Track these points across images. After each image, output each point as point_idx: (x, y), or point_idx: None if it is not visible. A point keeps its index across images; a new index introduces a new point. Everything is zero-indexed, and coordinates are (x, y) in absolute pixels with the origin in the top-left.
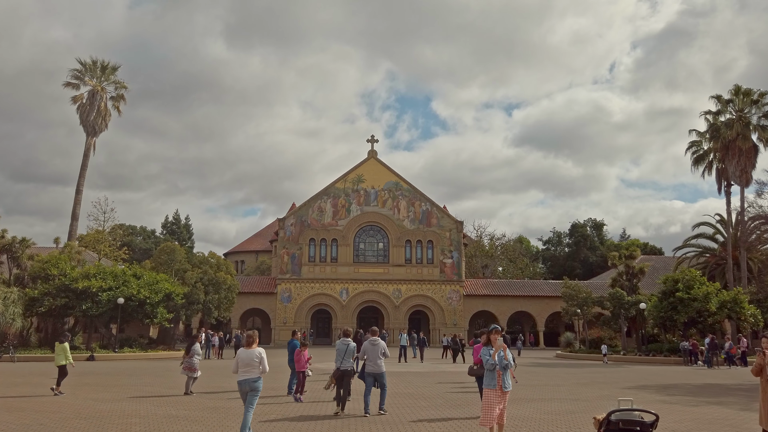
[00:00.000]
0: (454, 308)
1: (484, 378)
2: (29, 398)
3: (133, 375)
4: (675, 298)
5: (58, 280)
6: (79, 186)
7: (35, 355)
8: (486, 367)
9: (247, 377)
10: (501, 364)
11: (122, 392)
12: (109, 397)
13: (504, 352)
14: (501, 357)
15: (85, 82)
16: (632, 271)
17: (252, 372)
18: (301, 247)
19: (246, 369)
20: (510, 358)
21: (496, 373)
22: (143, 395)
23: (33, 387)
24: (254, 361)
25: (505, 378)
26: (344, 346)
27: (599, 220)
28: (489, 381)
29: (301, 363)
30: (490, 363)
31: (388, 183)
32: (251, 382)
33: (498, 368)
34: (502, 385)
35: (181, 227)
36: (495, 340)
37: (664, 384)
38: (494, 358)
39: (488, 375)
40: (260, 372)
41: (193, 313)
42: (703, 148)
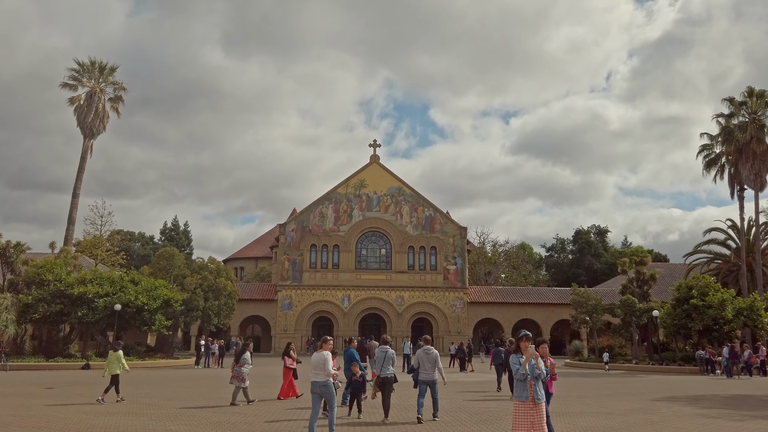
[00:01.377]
0: (458, 316)
1: (515, 389)
2: (17, 411)
3: (130, 385)
4: (689, 305)
5: (53, 285)
6: (75, 189)
7: (29, 363)
8: (516, 377)
9: (316, 380)
10: (533, 373)
11: (118, 405)
12: (103, 410)
13: (536, 360)
14: (533, 366)
15: (82, 83)
16: (643, 278)
17: (320, 375)
18: (302, 253)
19: (316, 371)
20: (542, 367)
21: (527, 384)
22: (140, 407)
23: (23, 398)
24: (321, 363)
25: (537, 389)
26: (383, 353)
27: (603, 227)
28: (520, 392)
29: None
30: (520, 373)
31: (390, 188)
32: (320, 386)
33: (530, 378)
34: (535, 397)
35: (180, 234)
36: (526, 347)
37: (692, 395)
38: (525, 368)
39: (519, 386)
40: (326, 375)
41: (192, 320)
42: (715, 151)
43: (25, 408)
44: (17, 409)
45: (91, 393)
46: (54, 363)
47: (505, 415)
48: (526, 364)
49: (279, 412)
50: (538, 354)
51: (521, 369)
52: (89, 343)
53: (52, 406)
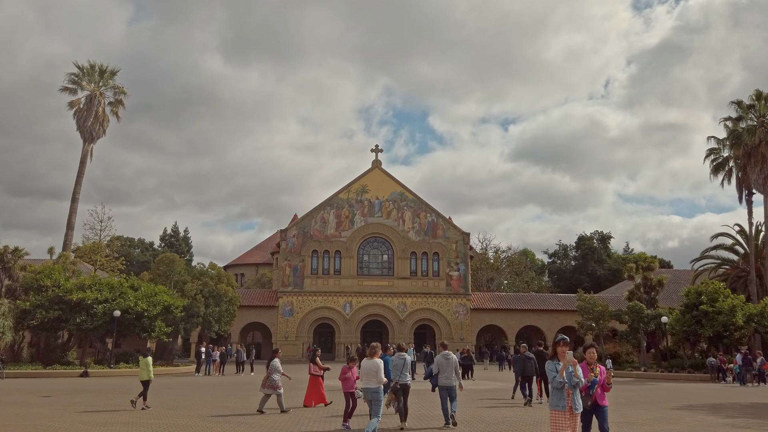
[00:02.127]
0: (461, 322)
1: (551, 397)
2: (10, 421)
3: (129, 393)
4: (699, 311)
5: (51, 291)
6: (75, 194)
7: (26, 371)
8: (552, 385)
9: (368, 386)
10: (571, 381)
11: (115, 414)
12: (100, 420)
13: (574, 368)
14: (570, 373)
15: (82, 86)
16: (650, 284)
17: (372, 381)
18: (304, 259)
19: (367, 378)
20: (580, 375)
21: (564, 392)
22: (139, 418)
23: (17, 407)
24: (373, 370)
25: (576, 398)
26: (401, 360)
27: (606, 233)
28: (556, 401)
29: (350, 382)
30: (557, 380)
31: (392, 193)
32: (372, 392)
33: (567, 386)
34: (573, 406)
35: (180, 240)
36: (563, 353)
37: (711, 404)
38: (562, 375)
39: (555, 394)
40: (377, 382)
41: (192, 327)
42: (723, 155)
43: (19, 418)
44: (11, 419)
45: (89, 401)
46: (52, 370)
47: (523, 425)
48: (563, 371)
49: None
50: (575, 361)
51: (558, 377)
52: (88, 350)
53: (48, 416)
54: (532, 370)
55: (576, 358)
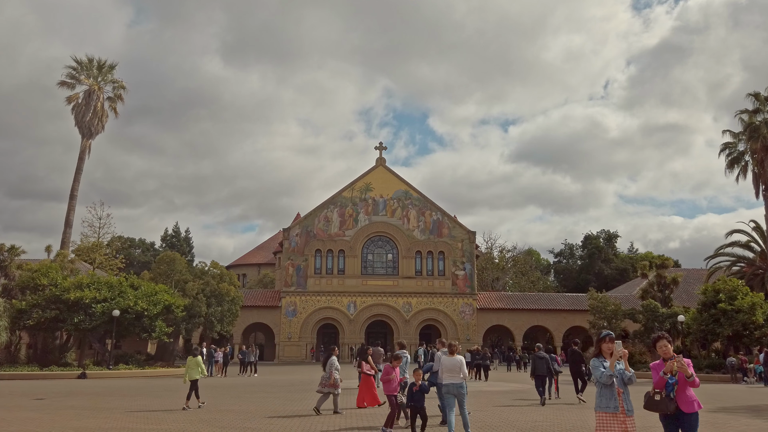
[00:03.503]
0: (467, 323)
1: (598, 398)
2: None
3: (127, 395)
4: (717, 309)
5: (48, 290)
6: (73, 191)
7: (21, 372)
8: (601, 381)
9: (453, 381)
10: (624, 377)
11: (111, 419)
12: (94, 425)
13: (624, 362)
14: (621, 370)
15: (80, 81)
16: (664, 282)
17: (456, 377)
18: (307, 259)
19: (452, 374)
20: (632, 371)
21: (614, 391)
22: (136, 422)
23: (6, 411)
24: (457, 366)
25: (627, 398)
26: (403, 357)
27: (613, 232)
28: (605, 402)
29: (393, 384)
30: (606, 375)
31: (397, 192)
32: (458, 387)
33: (617, 385)
34: (625, 408)
35: (181, 240)
36: (609, 349)
37: (747, 406)
38: (612, 371)
39: (603, 394)
40: (462, 378)
41: (194, 327)
42: (739, 149)
43: (4, 423)
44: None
45: (84, 405)
46: (48, 372)
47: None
48: (613, 365)
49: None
50: (626, 352)
51: (607, 372)
52: (87, 351)
53: (36, 420)
54: (544, 369)
55: None
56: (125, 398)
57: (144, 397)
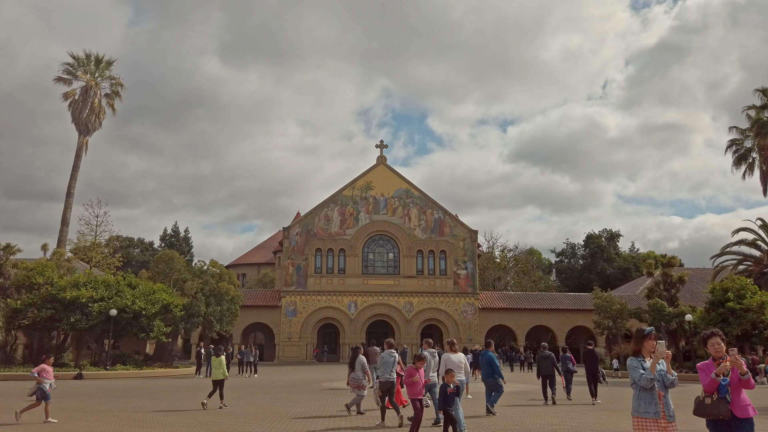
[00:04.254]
0: (469, 322)
1: (635, 402)
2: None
3: (124, 397)
4: (725, 308)
5: (44, 289)
6: (70, 188)
7: (16, 373)
8: (640, 384)
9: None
10: (666, 380)
11: (104, 422)
12: (85, 429)
13: (667, 363)
14: (663, 372)
15: (77, 77)
16: (670, 281)
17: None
18: (307, 258)
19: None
20: (674, 374)
21: (655, 395)
22: (130, 425)
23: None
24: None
25: (668, 402)
26: (391, 357)
27: (615, 231)
28: (644, 407)
29: (417, 387)
30: (646, 378)
31: (398, 190)
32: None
33: (657, 388)
34: (667, 413)
35: (180, 240)
36: (653, 347)
37: (761, 407)
38: (653, 371)
39: (643, 397)
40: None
41: (193, 327)
42: (746, 146)
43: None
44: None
45: (78, 406)
46: None
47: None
48: (654, 367)
49: None
50: (669, 353)
51: (647, 374)
52: (85, 351)
53: (27, 424)
54: (548, 369)
55: None
56: (121, 399)
57: (140, 399)
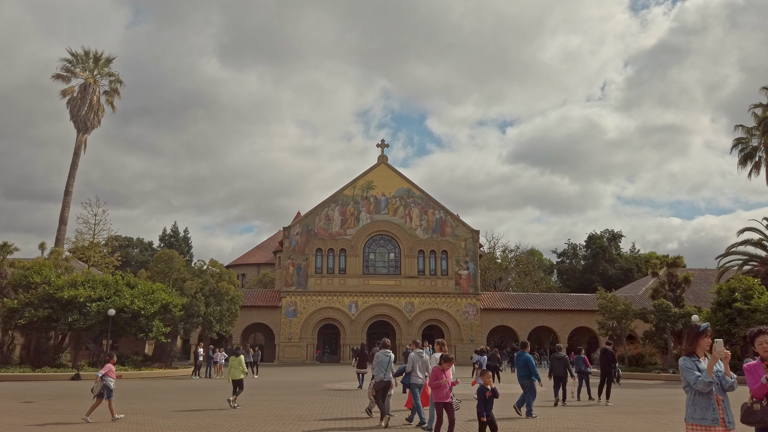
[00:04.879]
0: (470, 323)
1: (690, 407)
2: None
3: (121, 398)
4: (732, 309)
5: (41, 289)
6: (68, 187)
7: (13, 374)
8: (696, 388)
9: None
10: (724, 383)
11: (98, 426)
12: (83, 429)
13: (725, 364)
14: (721, 374)
15: (76, 74)
16: (675, 281)
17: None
18: (307, 258)
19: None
20: (734, 376)
21: (712, 399)
22: (126, 429)
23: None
24: None
25: (727, 407)
26: (386, 357)
27: (617, 231)
28: (701, 413)
29: (444, 390)
30: (703, 382)
31: (399, 190)
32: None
33: (716, 392)
34: (726, 420)
35: (180, 240)
36: (708, 345)
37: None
38: (710, 373)
39: (698, 403)
40: None
41: (192, 327)
42: (752, 144)
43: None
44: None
45: (73, 408)
46: (41, 373)
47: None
48: (712, 368)
49: None
50: (728, 353)
51: (703, 377)
52: (83, 351)
53: (18, 427)
54: (561, 369)
55: None
56: (118, 401)
57: (138, 400)
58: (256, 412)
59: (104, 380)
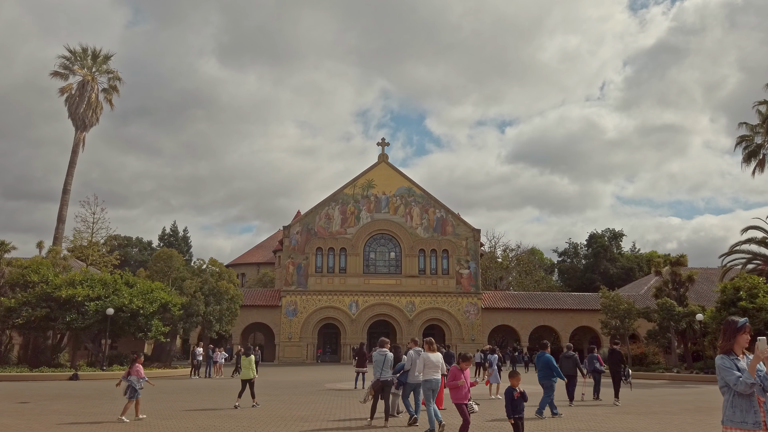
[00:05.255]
0: (471, 322)
1: (729, 410)
2: None
3: (119, 399)
4: (737, 308)
5: (39, 288)
6: (66, 185)
7: (10, 373)
8: (736, 389)
9: (434, 377)
10: (766, 384)
11: (95, 427)
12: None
13: (767, 364)
14: (762, 374)
15: (74, 71)
16: (679, 279)
17: (437, 373)
18: (308, 257)
19: (431, 371)
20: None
21: (754, 402)
22: (125, 430)
23: None
24: (439, 363)
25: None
26: (382, 357)
27: (618, 230)
28: (741, 415)
29: (463, 391)
30: (743, 383)
31: (399, 189)
32: (437, 383)
33: (757, 393)
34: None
35: (179, 240)
36: (747, 341)
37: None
38: (753, 373)
39: (738, 405)
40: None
41: (191, 327)
42: (756, 142)
43: None
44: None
45: (70, 409)
46: (39, 373)
47: None
48: (755, 368)
49: None
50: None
51: (745, 376)
52: (82, 351)
53: (13, 428)
54: (571, 369)
55: None
56: (116, 402)
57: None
58: (257, 412)
59: (128, 380)
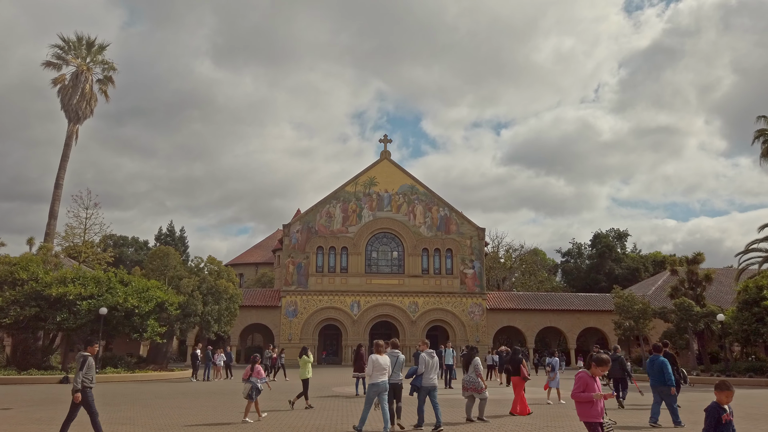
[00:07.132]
0: (476, 323)
1: None
2: None
3: (111, 404)
4: (761, 307)
5: (28, 285)
6: (58, 179)
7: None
8: None
9: (381, 380)
10: None
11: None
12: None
13: None
14: None
15: (68, 61)
16: (696, 278)
17: (383, 375)
18: (308, 256)
19: (380, 373)
20: None
21: None
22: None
23: None
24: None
25: None
26: (393, 358)
27: (623, 230)
28: None
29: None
30: None
31: (402, 186)
32: (384, 385)
33: None
34: None
35: (176, 239)
36: None
37: None
38: None
39: None
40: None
41: (189, 327)
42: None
43: None
44: None
45: (54, 416)
46: (27, 376)
47: None
48: None
49: None
50: None
51: None
52: (73, 353)
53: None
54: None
55: None
56: (107, 408)
57: (129, 406)
58: (266, 422)
59: (251, 381)
